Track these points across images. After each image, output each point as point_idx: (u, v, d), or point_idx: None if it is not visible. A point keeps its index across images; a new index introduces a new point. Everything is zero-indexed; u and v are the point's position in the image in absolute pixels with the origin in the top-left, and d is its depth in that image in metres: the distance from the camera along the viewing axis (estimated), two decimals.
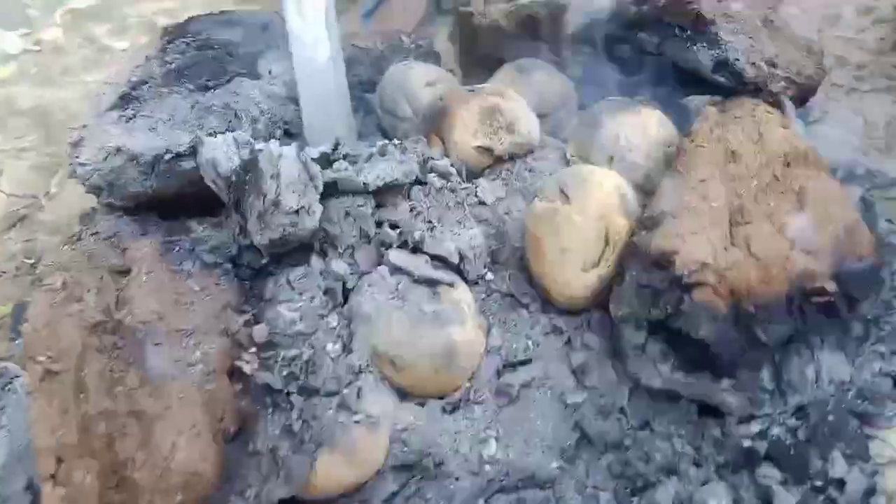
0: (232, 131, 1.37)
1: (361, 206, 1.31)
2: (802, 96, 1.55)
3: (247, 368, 1.17)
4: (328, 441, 1.14)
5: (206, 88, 1.47)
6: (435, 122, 1.52)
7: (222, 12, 1.74)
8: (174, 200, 1.39)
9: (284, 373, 1.18)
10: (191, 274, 1.30)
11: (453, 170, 1.46)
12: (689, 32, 1.57)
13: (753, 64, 1.52)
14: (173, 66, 1.53)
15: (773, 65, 1.53)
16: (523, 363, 1.29)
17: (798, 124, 1.46)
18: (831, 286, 1.19)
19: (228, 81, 1.50)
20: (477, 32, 1.93)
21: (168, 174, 1.31)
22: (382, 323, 1.20)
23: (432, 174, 1.44)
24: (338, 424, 1.15)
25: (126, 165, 1.29)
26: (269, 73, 1.56)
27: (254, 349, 1.20)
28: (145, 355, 1.17)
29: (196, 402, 1.12)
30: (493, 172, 1.53)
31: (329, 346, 1.20)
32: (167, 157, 1.28)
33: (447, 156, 1.50)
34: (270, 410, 1.18)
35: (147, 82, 1.50)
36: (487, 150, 1.49)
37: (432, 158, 1.46)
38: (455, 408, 1.25)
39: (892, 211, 1.62)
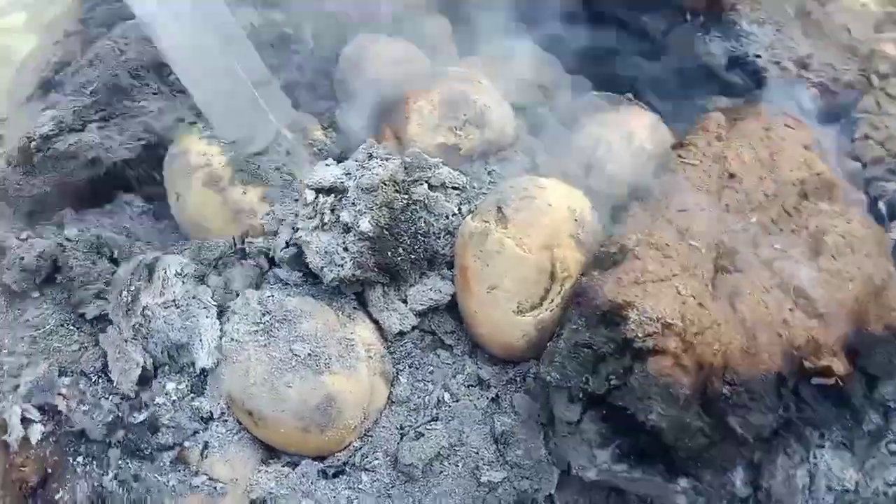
0: None
1: None
2: (837, 107, 1.23)
3: (62, 405, 0.91)
4: None
5: None
6: (388, 112, 1.24)
7: None
8: None
9: (110, 417, 0.92)
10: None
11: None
12: (702, 19, 1.27)
13: (778, 63, 1.21)
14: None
15: (805, 66, 1.22)
16: (435, 421, 1.01)
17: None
18: (839, 366, 0.89)
19: None
20: None
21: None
22: (239, 363, 0.93)
23: None
24: (167, 490, 0.88)
25: None
26: None
27: (78, 382, 0.95)
28: None
29: None
30: None
31: (170, 386, 0.92)
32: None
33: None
34: (83, 464, 0.91)
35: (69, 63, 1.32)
36: (453, 148, 1.20)
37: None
38: (338, 472, 0.97)
39: None
